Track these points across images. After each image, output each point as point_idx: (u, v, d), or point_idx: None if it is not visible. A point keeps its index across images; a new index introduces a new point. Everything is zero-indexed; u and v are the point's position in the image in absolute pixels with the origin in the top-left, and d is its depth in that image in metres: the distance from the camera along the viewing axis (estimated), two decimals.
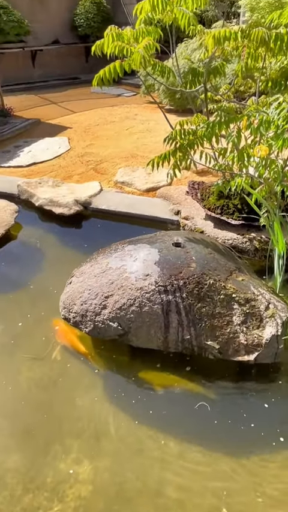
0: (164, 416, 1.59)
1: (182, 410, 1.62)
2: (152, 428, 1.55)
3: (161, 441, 1.51)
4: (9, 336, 1.92)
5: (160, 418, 1.59)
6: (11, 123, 5.98)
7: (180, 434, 1.53)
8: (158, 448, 1.49)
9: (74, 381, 1.73)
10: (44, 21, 9.61)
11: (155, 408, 1.62)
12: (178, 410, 1.62)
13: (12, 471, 1.44)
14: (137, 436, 1.54)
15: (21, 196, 3.06)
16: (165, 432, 1.54)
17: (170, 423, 1.57)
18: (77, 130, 5.69)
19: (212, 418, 1.57)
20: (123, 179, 3.79)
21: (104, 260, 1.83)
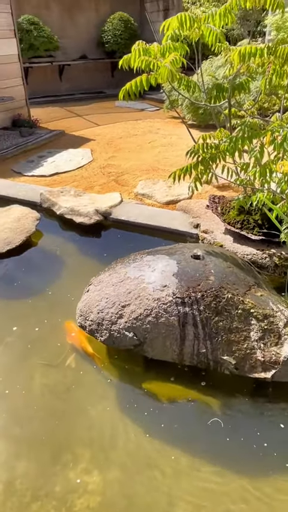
0: (175, 431, 1.57)
1: (194, 425, 1.59)
2: (163, 442, 1.53)
3: (172, 456, 1.48)
4: (26, 340, 1.94)
5: (171, 432, 1.56)
6: (37, 134, 6.14)
7: (191, 449, 1.50)
8: (169, 463, 1.47)
9: (86, 390, 1.73)
10: (73, 37, 9.91)
11: (167, 422, 1.59)
12: (190, 425, 1.60)
13: (21, 477, 1.43)
14: (147, 449, 1.52)
15: (43, 204, 3.11)
16: (177, 447, 1.51)
17: (182, 438, 1.54)
18: (100, 143, 5.79)
19: (225, 434, 1.54)
20: (143, 191, 3.82)
21: (123, 270, 1.84)
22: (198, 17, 2.03)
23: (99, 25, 10.01)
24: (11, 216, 2.83)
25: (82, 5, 9.98)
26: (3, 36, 6.27)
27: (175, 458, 1.47)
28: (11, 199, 3.25)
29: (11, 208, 2.95)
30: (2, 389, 1.70)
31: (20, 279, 2.38)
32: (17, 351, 1.90)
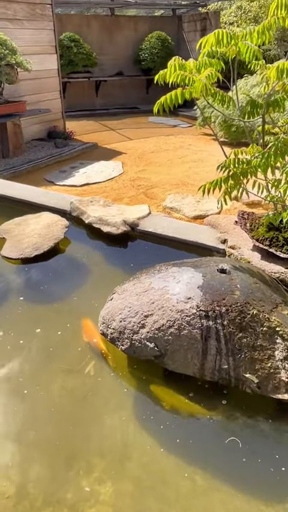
0: (191, 447, 1.53)
1: (211, 443, 1.55)
2: (179, 458, 1.49)
3: (187, 473, 1.44)
4: (48, 343, 1.96)
5: (187, 448, 1.52)
6: (70, 146, 6.31)
7: (207, 468, 1.45)
8: (183, 480, 1.43)
9: (104, 398, 1.71)
10: (111, 54, 10.21)
11: (183, 437, 1.56)
12: (206, 443, 1.55)
13: (34, 481, 1.43)
14: (162, 464, 1.48)
15: (73, 213, 3.17)
16: (192, 464, 1.47)
17: (197, 455, 1.50)
18: (131, 156, 5.89)
19: (242, 455, 1.49)
20: (172, 205, 3.84)
21: (147, 280, 1.84)
22: (236, 34, 2.05)
23: (136, 43, 10.28)
24: (41, 223, 2.90)
25: (122, 24, 10.31)
26: (45, 51, 6.53)
27: (190, 476, 1.43)
28: (42, 206, 3.32)
29: (42, 215, 3.02)
30: (21, 389, 1.72)
31: (46, 284, 2.42)
32: (38, 353, 1.92)
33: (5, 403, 1.67)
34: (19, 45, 5.47)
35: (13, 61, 5.07)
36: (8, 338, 1.98)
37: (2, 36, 5.08)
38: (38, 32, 6.33)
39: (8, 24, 5.79)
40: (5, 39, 5.09)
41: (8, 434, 1.56)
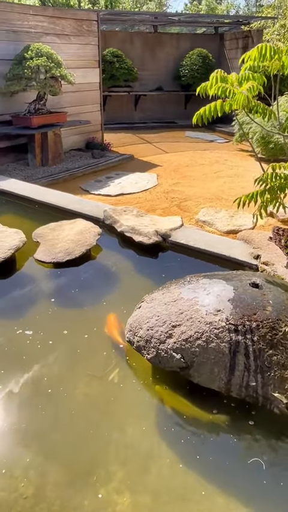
0: (211, 464, 1.48)
1: (232, 462, 1.49)
2: (199, 474, 1.44)
3: (207, 491, 1.39)
4: (75, 345, 1.98)
5: (207, 465, 1.47)
6: (107, 157, 6.43)
7: (227, 487, 1.40)
8: (202, 499, 1.37)
9: (126, 406, 1.70)
10: (152, 69, 10.41)
11: (203, 453, 1.51)
12: (227, 461, 1.50)
13: (52, 484, 1.42)
14: (181, 480, 1.44)
15: (106, 221, 3.21)
16: (212, 483, 1.41)
17: (218, 473, 1.45)
18: (166, 169, 5.92)
19: (264, 477, 1.42)
20: (204, 218, 3.81)
21: (177, 290, 1.82)
22: (280, 48, 2.04)
23: (177, 60, 10.44)
24: (75, 229, 2.95)
25: (164, 41, 10.51)
26: (89, 65, 6.74)
27: (210, 495, 1.38)
28: (76, 213, 3.39)
29: (76, 222, 3.07)
30: (46, 390, 1.73)
31: (76, 288, 2.45)
32: (65, 355, 1.94)
33: (29, 403, 1.69)
34: (64, 58, 5.68)
35: (58, 74, 5.26)
36: (38, 337, 2.02)
37: (49, 50, 5.30)
38: (83, 47, 6.56)
39: (56, 39, 6.03)
40: (52, 52, 5.30)
41: (30, 434, 1.57)
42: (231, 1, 24.58)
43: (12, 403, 1.68)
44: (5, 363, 1.87)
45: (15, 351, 1.97)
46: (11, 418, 1.62)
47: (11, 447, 1.52)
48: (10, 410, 1.65)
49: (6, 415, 1.63)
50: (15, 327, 2.08)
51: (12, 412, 1.64)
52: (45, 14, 5.88)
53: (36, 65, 5.05)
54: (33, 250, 2.71)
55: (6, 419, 1.61)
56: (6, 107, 5.52)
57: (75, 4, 17.85)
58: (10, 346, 1.99)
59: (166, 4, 22.16)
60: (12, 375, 1.80)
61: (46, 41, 5.79)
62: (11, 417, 1.62)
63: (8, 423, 1.60)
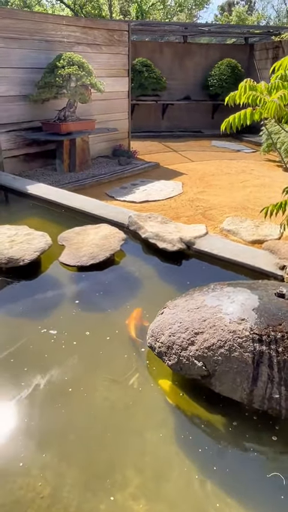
0: (229, 476, 1.44)
1: (251, 475, 1.45)
2: (215, 486, 1.41)
3: (222, 504, 1.36)
4: (97, 346, 2.00)
5: (225, 476, 1.44)
6: (133, 164, 6.49)
7: (244, 500, 1.36)
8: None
9: (145, 412, 1.68)
10: (180, 79, 10.49)
11: (220, 464, 1.48)
12: (246, 474, 1.46)
13: (69, 485, 1.42)
14: (198, 490, 1.41)
15: (130, 227, 3.22)
16: (229, 495, 1.38)
17: (235, 485, 1.41)
18: (191, 177, 5.92)
19: (283, 492, 1.37)
20: (229, 227, 3.78)
21: (200, 297, 1.80)
22: None
23: (206, 69, 10.48)
24: (99, 234, 2.98)
25: (193, 51, 10.58)
26: (118, 74, 6.85)
27: (227, 507, 1.35)
28: (101, 218, 3.42)
29: (100, 226, 3.11)
30: (66, 390, 1.74)
31: (99, 292, 2.46)
32: (87, 355, 1.95)
33: (49, 402, 1.70)
34: (95, 67, 5.80)
35: (88, 82, 5.36)
36: (62, 337, 2.05)
37: (80, 59, 5.42)
38: (113, 56, 6.68)
39: (87, 49, 6.16)
40: (83, 61, 5.42)
41: (49, 434, 1.58)
42: (262, 12, 24.57)
43: (33, 401, 1.70)
44: (29, 361, 1.90)
45: (39, 349, 1.99)
46: (31, 416, 1.64)
47: (29, 446, 1.53)
48: (31, 408, 1.67)
49: (27, 413, 1.65)
50: (39, 326, 2.12)
51: (33, 410, 1.66)
52: (78, 24, 6.03)
53: (68, 73, 5.17)
54: (58, 253, 2.75)
55: (27, 417, 1.63)
56: (37, 113, 5.66)
57: (107, 15, 18.23)
58: (34, 344, 2.02)
59: (196, 15, 22.35)
60: (34, 373, 1.82)
61: (78, 51, 5.93)
62: (32, 415, 1.64)
63: (29, 421, 1.61)
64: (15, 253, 2.58)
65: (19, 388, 1.75)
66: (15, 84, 5.34)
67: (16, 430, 1.59)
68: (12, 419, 1.64)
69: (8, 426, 1.60)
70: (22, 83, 5.41)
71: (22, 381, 1.78)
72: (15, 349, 1.97)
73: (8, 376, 1.83)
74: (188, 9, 20.19)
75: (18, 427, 1.60)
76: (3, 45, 5.12)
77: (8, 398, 1.71)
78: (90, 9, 18.56)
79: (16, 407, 1.67)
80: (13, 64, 5.27)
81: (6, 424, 1.61)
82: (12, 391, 1.74)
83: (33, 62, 5.48)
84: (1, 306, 2.34)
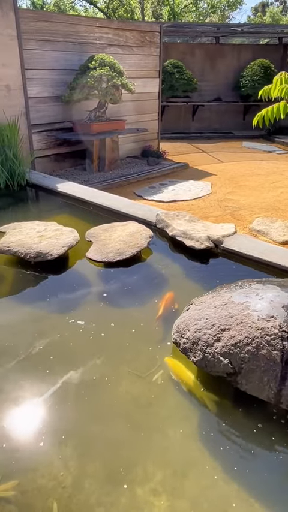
0: (252, 477, 1.40)
1: (276, 478, 1.40)
2: (239, 486, 1.37)
3: (245, 505, 1.31)
4: (122, 338, 2.01)
5: (248, 477, 1.39)
6: (162, 164, 6.48)
7: (268, 503, 1.31)
8: None
9: (168, 409, 1.66)
10: (211, 80, 10.41)
11: (240, 465, 1.43)
12: (270, 476, 1.41)
13: (91, 477, 1.41)
14: (221, 490, 1.37)
15: (158, 224, 3.21)
16: (253, 496, 1.33)
17: (258, 487, 1.36)
18: (221, 178, 5.85)
19: None
20: (259, 228, 3.70)
21: (227, 294, 1.76)
22: None
23: (238, 70, 10.35)
24: (127, 231, 2.98)
25: (225, 52, 10.48)
26: (149, 75, 6.88)
27: (250, 509, 1.30)
28: (129, 216, 3.43)
29: (128, 224, 3.11)
30: (90, 379, 1.75)
31: (125, 287, 2.46)
32: (112, 347, 1.96)
33: (73, 393, 1.70)
34: (126, 68, 5.84)
35: (119, 82, 5.41)
36: (89, 328, 2.07)
37: (112, 60, 5.47)
38: (144, 57, 6.71)
39: (119, 50, 6.22)
40: (114, 62, 5.47)
41: (72, 426, 1.58)
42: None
43: (58, 390, 1.71)
44: (56, 350, 1.93)
45: (67, 339, 2.02)
46: (55, 406, 1.65)
47: (52, 436, 1.53)
48: (56, 397, 1.68)
49: (52, 403, 1.66)
50: (66, 317, 2.15)
51: (58, 400, 1.67)
52: (111, 26, 6.10)
53: (99, 74, 5.23)
54: (85, 249, 2.77)
55: (52, 406, 1.64)
56: (68, 114, 5.76)
57: (139, 19, 18.37)
58: (62, 334, 2.05)
59: (229, 16, 22.16)
60: (60, 362, 1.85)
61: (110, 52, 5.99)
62: (56, 405, 1.65)
63: (53, 411, 1.62)
64: (44, 247, 2.62)
65: (46, 377, 1.77)
66: (48, 85, 5.46)
67: (40, 419, 1.60)
68: (38, 407, 1.65)
69: (32, 415, 1.62)
70: (55, 84, 5.52)
71: (50, 370, 1.80)
72: (43, 338, 2.00)
73: (35, 364, 1.85)
74: (220, 11, 20.06)
75: (42, 417, 1.61)
76: (38, 48, 5.24)
77: (34, 388, 1.73)
78: (122, 12, 18.76)
79: (42, 397, 1.69)
80: (46, 66, 5.39)
81: (31, 412, 1.63)
82: (39, 380, 1.76)
83: (65, 64, 5.59)
84: (30, 298, 2.38)
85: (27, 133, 5.23)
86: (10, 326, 2.14)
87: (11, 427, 1.57)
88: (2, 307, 2.32)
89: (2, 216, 3.62)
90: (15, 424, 1.59)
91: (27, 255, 2.59)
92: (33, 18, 5.10)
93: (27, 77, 5.13)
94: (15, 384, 1.75)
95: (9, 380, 1.77)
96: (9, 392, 1.71)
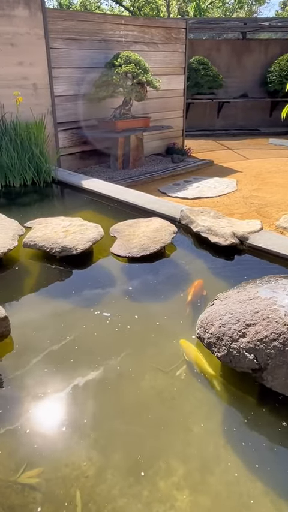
0: (279, 475, 1.37)
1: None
2: (264, 484, 1.34)
3: (272, 503, 1.29)
4: (146, 330, 2.02)
5: (274, 475, 1.37)
6: (186, 162, 6.44)
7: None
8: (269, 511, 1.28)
9: (191, 404, 1.64)
10: (238, 76, 10.26)
11: (262, 463, 1.40)
12: None
13: (113, 468, 1.42)
14: (246, 487, 1.35)
15: (182, 221, 3.19)
16: (280, 495, 1.31)
17: (285, 486, 1.33)
18: (246, 175, 5.76)
19: None
20: (286, 225, 3.62)
21: (253, 289, 1.73)
22: None
23: (265, 65, 10.16)
24: (151, 227, 2.98)
25: (252, 48, 10.31)
26: (174, 72, 6.84)
27: (277, 507, 1.28)
28: (153, 212, 3.43)
29: (152, 220, 3.10)
30: (115, 371, 1.76)
31: (150, 282, 2.46)
32: (136, 340, 1.97)
33: (97, 385, 1.72)
34: (151, 65, 5.83)
35: (144, 79, 5.40)
36: (115, 320, 2.09)
37: (137, 57, 5.47)
38: (170, 54, 6.68)
39: (144, 47, 6.22)
40: (140, 59, 5.47)
41: (96, 417, 1.59)
42: None
43: (82, 381, 1.73)
44: (82, 341, 1.96)
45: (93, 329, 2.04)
46: (79, 396, 1.66)
47: (75, 426, 1.55)
48: (80, 388, 1.70)
49: (76, 393, 1.67)
50: (92, 309, 2.18)
51: (82, 390, 1.69)
52: (136, 23, 6.10)
53: (125, 71, 5.24)
54: (109, 245, 2.78)
55: (76, 396, 1.66)
56: (93, 112, 5.81)
57: (165, 16, 18.30)
58: (88, 325, 2.08)
59: (256, 11, 21.75)
60: (85, 352, 1.87)
61: (135, 49, 6.00)
62: (81, 395, 1.67)
63: (77, 401, 1.64)
64: (69, 242, 2.65)
65: (74, 368, 1.79)
66: (73, 83, 5.52)
67: (64, 409, 1.62)
68: (62, 397, 1.67)
69: (56, 405, 1.64)
70: (80, 82, 5.58)
71: (77, 361, 1.83)
72: (70, 329, 2.04)
73: (60, 354, 1.88)
74: (247, 6, 19.72)
75: (66, 406, 1.63)
76: (64, 46, 5.30)
77: (62, 379, 1.75)
78: (148, 10, 18.74)
79: (67, 387, 1.71)
80: (73, 64, 5.45)
81: (55, 402, 1.65)
82: (67, 371, 1.78)
83: (91, 62, 5.63)
84: (56, 291, 2.41)
85: (53, 131, 5.30)
86: (37, 318, 2.18)
87: (35, 415, 1.60)
88: (29, 299, 2.36)
89: (29, 212, 3.68)
90: (40, 412, 1.62)
91: (53, 250, 2.63)
92: (60, 17, 5.16)
93: (54, 76, 5.19)
94: (40, 373, 1.78)
95: (35, 368, 1.80)
96: (34, 381, 1.74)
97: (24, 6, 4.66)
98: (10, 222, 3.01)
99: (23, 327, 2.07)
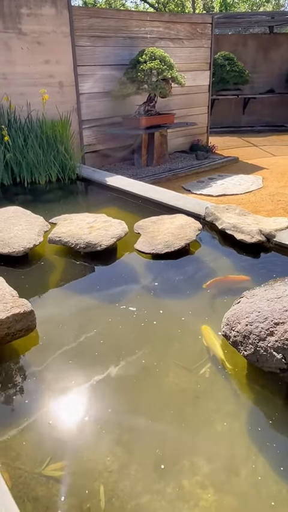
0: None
1: None
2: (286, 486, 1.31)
3: None
4: (172, 325, 2.01)
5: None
6: (211, 159, 6.37)
7: None
8: None
9: (216, 402, 1.62)
10: (264, 72, 10.07)
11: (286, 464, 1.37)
12: None
13: (137, 464, 1.41)
14: (273, 488, 1.32)
15: (207, 218, 3.15)
16: None
17: None
18: (273, 172, 5.65)
19: None
20: None
21: (281, 287, 1.69)
22: None
23: None
24: (175, 223, 2.95)
25: (279, 42, 10.08)
26: (199, 68, 6.77)
27: None
28: (177, 209, 3.40)
29: (176, 216, 3.08)
30: (140, 366, 1.76)
31: (175, 278, 2.44)
32: (161, 334, 1.97)
33: (121, 379, 1.71)
34: (176, 62, 5.79)
35: (169, 76, 5.37)
36: (141, 315, 2.09)
37: (162, 53, 5.44)
38: (195, 50, 6.61)
39: (169, 43, 6.17)
40: (165, 55, 5.44)
41: (119, 412, 1.59)
42: None
43: (106, 375, 1.73)
44: (104, 334, 1.97)
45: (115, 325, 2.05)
46: (104, 390, 1.67)
47: (99, 420, 1.55)
48: (104, 382, 1.70)
49: (99, 388, 1.68)
50: (117, 304, 2.19)
51: (106, 384, 1.69)
52: (162, 19, 6.06)
53: (149, 68, 5.22)
54: (133, 241, 2.78)
55: (100, 391, 1.66)
56: (118, 109, 5.81)
57: (190, 12, 18.13)
58: (113, 319, 2.09)
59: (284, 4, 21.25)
60: (109, 346, 1.89)
61: (160, 46, 5.96)
62: (104, 389, 1.67)
63: (100, 396, 1.64)
64: (93, 238, 2.66)
65: (98, 362, 1.80)
66: (98, 81, 5.54)
67: (87, 403, 1.62)
68: (85, 392, 1.68)
69: (80, 399, 1.65)
70: (105, 80, 5.59)
71: (102, 355, 1.84)
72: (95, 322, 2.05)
73: (85, 348, 1.89)
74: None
75: (89, 401, 1.63)
76: (90, 44, 5.33)
77: (86, 372, 1.76)
78: (173, 6, 18.62)
79: (93, 382, 1.71)
80: (97, 62, 5.47)
81: (79, 396, 1.66)
82: (91, 364, 1.79)
83: (116, 59, 5.63)
84: (81, 286, 2.43)
85: (78, 128, 5.34)
86: (62, 312, 2.20)
87: (59, 408, 1.61)
88: (54, 294, 2.38)
89: (53, 208, 3.73)
90: (64, 405, 1.63)
91: (77, 246, 2.64)
92: (85, 15, 5.19)
93: (79, 73, 5.23)
94: (65, 366, 1.79)
95: (59, 362, 1.82)
96: (58, 375, 1.75)
97: (51, 5, 4.70)
98: (36, 218, 3.05)
99: (48, 320, 2.09)
